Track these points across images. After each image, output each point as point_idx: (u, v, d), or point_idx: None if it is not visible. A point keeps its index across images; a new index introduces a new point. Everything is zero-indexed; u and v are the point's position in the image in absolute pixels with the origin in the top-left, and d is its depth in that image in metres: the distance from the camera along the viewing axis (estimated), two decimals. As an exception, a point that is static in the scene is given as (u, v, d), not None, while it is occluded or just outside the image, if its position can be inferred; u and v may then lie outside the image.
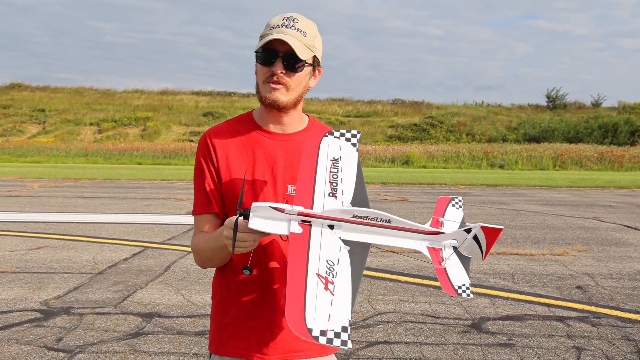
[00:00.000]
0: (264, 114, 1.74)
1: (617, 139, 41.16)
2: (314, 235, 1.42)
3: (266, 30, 1.64)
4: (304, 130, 1.77)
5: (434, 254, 1.53)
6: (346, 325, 1.24)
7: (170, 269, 6.43)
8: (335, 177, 1.57)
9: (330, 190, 1.54)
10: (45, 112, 50.21)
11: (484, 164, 32.86)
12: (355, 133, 1.68)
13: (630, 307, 5.18)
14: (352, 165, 1.61)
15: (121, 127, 47.57)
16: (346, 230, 1.46)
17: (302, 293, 1.26)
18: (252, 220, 1.43)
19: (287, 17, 1.63)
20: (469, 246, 1.55)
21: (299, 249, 1.37)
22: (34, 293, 5.42)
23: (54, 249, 7.56)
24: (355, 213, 1.46)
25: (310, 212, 1.46)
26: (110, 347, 4.07)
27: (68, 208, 12.04)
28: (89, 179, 20.95)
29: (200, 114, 51.03)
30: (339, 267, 1.36)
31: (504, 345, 4.20)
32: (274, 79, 1.62)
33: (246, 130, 1.74)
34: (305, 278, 1.30)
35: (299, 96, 1.69)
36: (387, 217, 1.47)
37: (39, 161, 33.51)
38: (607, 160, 32.89)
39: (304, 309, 1.23)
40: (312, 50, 1.66)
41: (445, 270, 1.53)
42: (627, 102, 52.27)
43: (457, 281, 1.53)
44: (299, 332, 1.19)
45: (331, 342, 1.19)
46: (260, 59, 1.64)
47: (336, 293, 1.30)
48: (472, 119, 49.27)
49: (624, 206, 13.59)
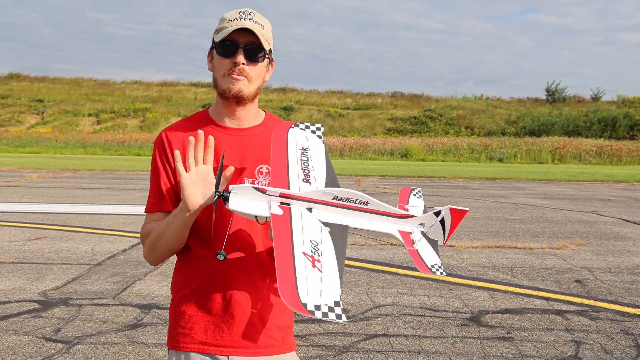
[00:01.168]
0: (220, 110, 1.74)
1: (616, 133, 41.17)
2: (295, 216, 1.43)
3: (223, 24, 1.65)
4: (259, 125, 1.77)
5: (405, 236, 1.58)
6: (338, 300, 1.26)
7: (169, 260, 6.41)
8: (306, 164, 1.59)
9: (304, 176, 1.56)
10: (44, 103, 50.05)
11: (483, 158, 32.85)
12: (319, 126, 1.73)
13: (629, 301, 5.18)
14: (320, 154, 1.65)
15: (120, 118, 47.47)
16: (324, 212, 1.49)
17: (292, 271, 1.28)
18: (232, 201, 1.43)
19: (243, 10, 1.66)
20: (435, 229, 1.61)
21: (283, 230, 1.38)
22: (32, 284, 5.41)
23: (53, 239, 7.55)
24: (336, 194, 1.49)
25: (292, 194, 1.47)
26: (108, 338, 4.07)
27: (67, 199, 12.02)
28: (88, 169, 20.91)
29: (199, 106, 50.85)
30: (322, 247, 1.38)
31: (502, 338, 4.20)
32: (235, 70, 1.62)
33: (202, 127, 1.71)
34: (293, 257, 1.31)
35: (258, 88, 1.70)
36: (365, 199, 1.51)
37: (37, 152, 33.44)
38: (606, 154, 32.89)
39: (296, 286, 1.24)
40: (268, 42, 1.67)
41: (417, 251, 1.57)
42: (626, 96, 52.22)
43: (430, 261, 1.58)
44: (295, 307, 1.20)
45: (326, 316, 1.21)
46: (221, 51, 1.64)
47: (324, 271, 1.32)
48: (471, 112, 49.20)
49: (622, 200, 13.60)
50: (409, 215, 1.61)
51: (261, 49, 1.64)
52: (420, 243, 1.59)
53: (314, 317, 1.21)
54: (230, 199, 1.44)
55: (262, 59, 1.66)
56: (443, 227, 1.61)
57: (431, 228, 1.62)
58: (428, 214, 1.62)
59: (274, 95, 54.56)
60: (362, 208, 1.52)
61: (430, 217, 1.61)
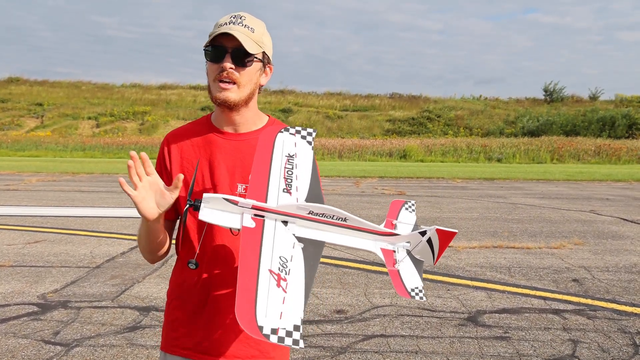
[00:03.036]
0: (217, 115, 1.76)
1: (615, 132, 41.19)
2: (267, 230, 1.37)
3: (214, 29, 1.65)
4: (258, 130, 1.76)
5: (387, 255, 1.52)
6: (298, 324, 1.19)
7: (168, 263, 6.43)
8: (290, 173, 1.53)
9: (285, 186, 1.50)
10: (43, 106, 50.05)
11: (482, 158, 32.87)
12: (310, 131, 1.67)
13: (626, 299, 5.20)
14: (307, 162, 1.59)
15: (119, 122, 47.47)
16: (300, 227, 1.42)
17: (253, 289, 1.21)
18: (203, 212, 1.40)
19: (234, 15, 1.66)
20: (422, 249, 1.53)
21: (251, 244, 1.32)
22: (31, 287, 5.42)
23: (52, 243, 7.56)
24: (312, 209, 1.43)
25: (264, 207, 1.42)
26: (107, 340, 4.08)
27: (66, 202, 12.03)
28: (87, 173, 20.92)
29: (198, 108, 50.90)
30: (292, 265, 1.31)
31: (500, 338, 4.22)
32: (223, 75, 1.63)
33: (203, 132, 1.76)
34: (257, 274, 1.25)
35: (250, 93, 1.69)
36: (343, 215, 1.45)
37: (36, 155, 33.44)
38: (605, 153, 32.92)
39: (254, 306, 1.18)
40: (260, 46, 1.66)
41: (398, 272, 1.51)
42: (624, 95, 52.31)
43: (410, 284, 1.51)
44: (249, 329, 1.14)
45: (282, 341, 1.15)
46: (209, 56, 1.65)
47: (289, 291, 1.25)
48: (469, 112, 49.24)
49: (621, 199, 13.62)
50: (392, 234, 1.55)
51: (248, 54, 1.63)
52: (403, 263, 1.52)
53: (268, 341, 1.14)
54: (201, 209, 1.41)
55: (250, 63, 1.65)
56: (431, 248, 1.53)
57: (417, 247, 1.54)
58: (413, 233, 1.55)
59: (272, 97, 54.60)
60: (340, 224, 1.46)
61: (415, 237, 1.54)
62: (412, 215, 1.69)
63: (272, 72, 1.76)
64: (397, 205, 1.73)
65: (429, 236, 1.50)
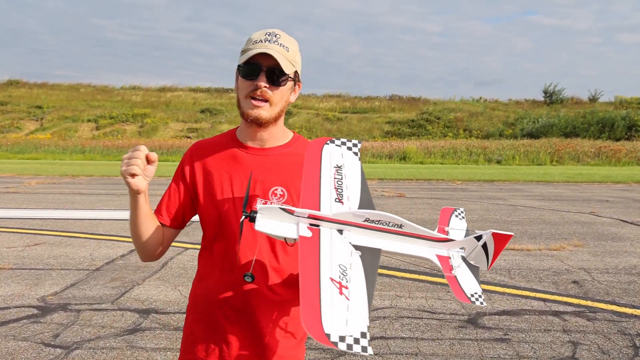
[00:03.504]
0: (243, 130, 1.76)
1: (614, 134, 41.19)
2: (324, 239, 1.37)
3: (248, 45, 1.64)
4: (284, 145, 1.77)
5: (443, 262, 1.50)
6: (365, 331, 1.17)
7: (167, 265, 6.43)
8: (340, 183, 1.54)
9: (337, 196, 1.50)
10: (43, 109, 50.07)
11: (481, 160, 32.89)
12: (356, 142, 1.68)
13: (626, 301, 5.20)
14: (356, 172, 1.59)
15: (119, 124, 47.47)
16: (356, 235, 1.42)
17: (317, 297, 1.20)
18: (259, 222, 1.39)
19: (269, 32, 1.64)
20: (477, 254, 1.52)
21: (310, 253, 1.32)
22: (31, 289, 5.42)
23: (52, 245, 7.56)
24: (368, 217, 1.42)
25: (321, 215, 1.41)
26: (107, 343, 4.08)
27: (65, 205, 12.03)
28: (87, 175, 20.92)
29: (198, 111, 50.93)
30: (351, 272, 1.30)
31: (500, 340, 4.22)
32: (257, 93, 1.62)
33: (227, 146, 1.76)
34: (319, 282, 1.24)
35: (280, 111, 1.70)
36: (399, 222, 1.43)
37: (36, 158, 33.43)
38: (604, 155, 32.94)
39: (320, 314, 1.17)
40: (294, 65, 1.66)
41: (456, 278, 1.48)
42: (623, 96, 52.32)
43: (469, 289, 1.48)
44: (317, 337, 1.13)
45: (351, 348, 1.13)
46: (243, 73, 1.64)
47: (351, 298, 1.23)
48: (469, 114, 49.26)
49: (620, 201, 13.62)
50: (447, 239, 1.52)
51: (283, 74, 1.62)
52: (460, 269, 1.50)
53: (337, 349, 1.13)
54: (257, 220, 1.40)
55: (284, 82, 1.65)
56: (486, 252, 1.51)
57: (472, 253, 1.52)
58: (468, 237, 1.53)
59: (273, 99, 54.53)
60: (396, 231, 1.44)
61: (470, 242, 1.52)
62: (462, 222, 1.69)
63: (300, 88, 1.77)
64: (447, 212, 1.72)
65: (484, 241, 1.49)
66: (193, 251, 7.25)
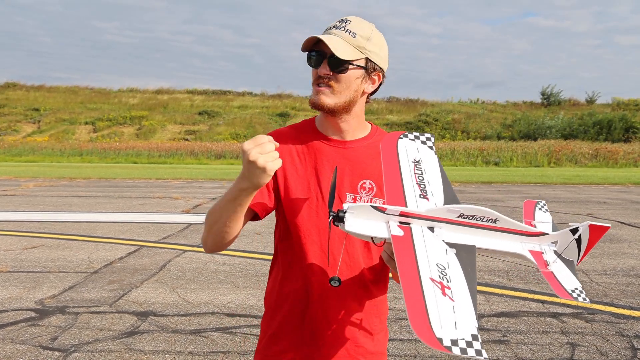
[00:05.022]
0: (323, 121, 1.70)
1: (612, 136, 41.31)
2: (417, 237, 1.28)
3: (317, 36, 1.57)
4: (364, 138, 1.70)
5: (537, 257, 1.40)
6: (476, 334, 1.10)
7: (166, 268, 6.42)
8: (421, 179, 1.45)
9: (420, 192, 1.41)
10: (40, 112, 50.02)
11: (479, 161, 32.94)
12: (429, 136, 1.60)
13: (624, 303, 5.21)
14: (434, 167, 1.51)
15: (116, 126, 47.44)
16: (448, 232, 1.33)
17: (421, 300, 1.12)
18: (349, 222, 1.31)
19: (342, 19, 1.59)
20: (569, 248, 1.42)
21: (406, 253, 1.23)
22: (29, 292, 5.41)
23: (49, 248, 7.55)
24: (462, 212, 1.33)
25: (415, 212, 1.32)
26: (105, 346, 4.07)
27: (63, 207, 12.01)
28: (84, 178, 20.89)
29: (196, 113, 50.92)
30: (450, 272, 1.22)
31: (498, 341, 4.22)
32: (319, 80, 1.58)
33: (308, 138, 1.69)
34: (421, 284, 1.15)
35: (349, 100, 1.60)
36: (494, 216, 1.35)
37: (33, 160, 33.38)
38: (602, 156, 33.03)
39: (428, 318, 1.09)
40: (361, 51, 1.57)
41: (553, 274, 1.38)
42: (621, 98, 52.49)
43: (569, 285, 1.37)
44: (429, 342, 1.07)
45: (465, 352, 1.06)
46: (307, 61, 1.61)
47: (456, 299, 1.15)
48: (466, 116, 49.36)
49: (618, 202, 13.65)
50: (540, 233, 1.42)
51: (340, 61, 1.54)
52: (556, 264, 1.40)
53: (451, 353, 1.05)
54: (347, 220, 1.31)
55: (344, 70, 1.56)
56: (579, 246, 1.41)
57: (565, 247, 1.42)
58: (563, 230, 1.43)
59: (270, 101, 54.62)
60: (490, 226, 1.36)
61: (565, 235, 1.42)
62: (547, 215, 1.61)
63: (380, 79, 1.65)
64: (531, 205, 1.64)
65: (579, 234, 1.40)
66: (191, 254, 7.24)
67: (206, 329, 4.45)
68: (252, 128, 46.41)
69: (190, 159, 35.37)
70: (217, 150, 36.85)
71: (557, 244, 1.43)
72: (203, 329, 4.45)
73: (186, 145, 38.31)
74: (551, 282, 1.37)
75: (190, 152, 36.59)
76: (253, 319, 4.68)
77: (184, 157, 35.63)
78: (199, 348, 4.05)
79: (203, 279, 5.95)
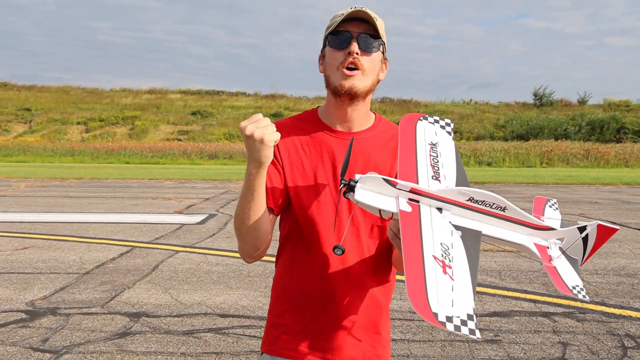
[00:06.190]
0: (330, 111, 1.66)
1: (604, 136, 41.61)
2: (424, 215, 1.29)
3: (335, 19, 1.57)
4: (369, 129, 1.69)
5: (542, 251, 1.41)
6: (472, 314, 1.12)
7: (158, 269, 6.40)
8: (435, 161, 1.46)
9: (433, 173, 1.42)
10: (32, 111, 49.70)
11: (472, 162, 33.06)
12: (449, 122, 1.60)
13: (615, 302, 5.24)
14: (450, 151, 1.51)
15: (109, 127, 47.23)
16: (455, 215, 1.33)
17: (421, 275, 1.14)
18: (359, 192, 1.32)
19: (354, 6, 1.57)
20: (575, 247, 1.42)
21: (412, 229, 1.24)
22: (19, 294, 5.37)
23: (40, 249, 7.50)
24: (473, 195, 1.33)
25: (424, 190, 1.33)
26: (97, 347, 4.05)
27: (55, 208, 11.94)
28: (76, 178, 20.77)
29: (189, 113, 50.78)
30: (454, 252, 1.22)
31: (490, 341, 4.23)
32: (349, 60, 1.53)
33: (312, 129, 1.67)
34: (423, 260, 1.17)
35: (372, 85, 1.60)
36: (503, 204, 1.35)
37: (25, 161, 33.17)
38: (593, 157, 33.25)
39: (426, 292, 1.11)
40: (383, 36, 1.59)
41: (556, 269, 1.38)
42: (612, 99, 52.89)
43: (570, 281, 1.37)
44: (425, 315, 1.08)
45: (459, 330, 1.08)
46: (333, 42, 1.56)
47: (455, 278, 1.16)
48: (459, 117, 49.51)
49: (609, 202, 13.74)
50: (548, 228, 1.42)
51: (376, 38, 1.55)
52: (559, 260, 1.40)
53: (445, 329, 1.08)
54: (357, 190, 1.32)
55: (376, 49, 1.56)
56: (585, 245, 1.41)
57: (571, 245, 1.42)
58: (571, 228, 1.43)
59: (263, 101, 54.56)
60: (498, 214, 1.36)
61: (572, 233, 1.42)
62: (556, 212, 1.61)
63: (387, 68, 1.67)
64: (542, 201, 1.65)
65: (587, 232, 1.40)
66: (184, 254, 7.22)
67: (199, 329, 4.43)
68: (245, 128, 46.18)
69: (183, 159, 35.27)
70: (210, 150, 36.77)
71: (563, 240, 1.43)
72: (196, 329, 4.43)
73: (179, 146, 38.20)
74: (553, 277, 1.37)
75: (183, 153, 36.49)
76: (246, 320, 4.67)
77: (177, 158, 35.52)
78: (192, 349, 4.03)
79: (196, 279, 5.93)
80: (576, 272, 1.41)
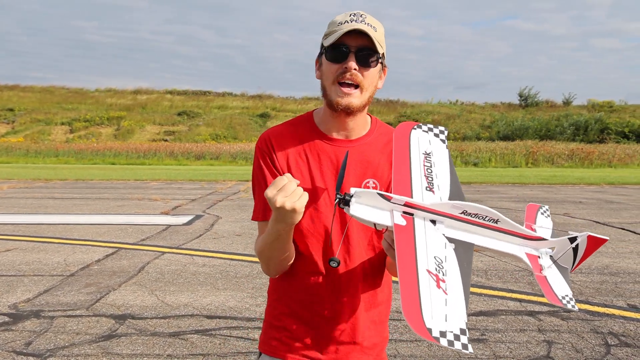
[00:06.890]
0: (328, 119, 1.63)
1: (588, 137, 42.12)
2: (418, 228, 1.30)
3: (332, 28, 1.55)
4: (366, 135, 1.67)
5: (533, 261, 1.42)
6: (464, 328, 1.13)
7: (144, 270, 6.35)
8: (429, 171, 1.47)
9: (427, 184, 1.43)
10: (14, 112, 49.08)
11: (458, 162, 33.26)
12: (442, 129, 1.61)
13: (599, 300, 5.30)
14: (444, 160, 1.52)
15: (94, 127, 46.80)
16: (449, 227, 1.35)
17: (416, 290, 1.15)
18: (354, 207, 1.33)
19: (354, 13, 1.54)
20: (565, 256, 1.45)
21: (406, 243, 1.25)
22: (2, 297, 5.29)
23: (24, 251, 7.40)
24: (466, 209, 1.35)
25: (418, 204, 1.34)
26: (82, 350, 4.00)
27: (38, 209, 11.79)
28: (60, 179, 20.54)
29: (175, 113, 50.49)
30: (447, 265, 1.24)
31: (477, 340, 4.26)
32: (346, 76, 1.52)
33: (308, 137, 1.64)
34: (417, 274, 1.18)
35: (369, 97, 1.59)
36: (495, 217, 1.37)
37: (7, 162, 32.73)
38: (578, 157, 33.63)
39: (420, 307, 1.12)
40: (382, 46, 1.56)
41: (546, 278, 1.41)
42: (596, 100, 53.53)
43: (560, 291, 1.39)
44: (419, 331, 1.10)
45: (452, 345, 1.09)
46: (330, 56, 1.53)
47: (449, 292, 1.18)
48: (446, 117, 49.82)
49: (593, 202, 13.90)
50: (539, 238, 1.44)
51: (374, 53, 1.52)
52: (550, 270, 1.42)
53: (438, 344, 1.09)
54: (352, 204, 1.33)
55: (374, 63, 1.54)
56: (575, 255, 1.43)
57: (561, 254, 1.44)
58: (562, 238, 1.44)
59: (250, 102, 54.41)
60: (490, 226, 1.38)
61: (563, 243, 1.44)
62: (548, 220, 1.62)
63: (386, 74, 1.65)
64: (534, 209, 1.66)
65: (577, 242, 1.42)
66: (170, 255, 7.17)
67: (185, 331, 4.40)
68: (232, 129, 46.18)
69: (169, 160, 35.05)
70: (197, 151, 36.59)
71: (554, 250, 1.46)
72: (182, 331, 4.40)
73: (165, 146, 37.95)
74: (543, 287, 1.39)
75: (169, 153, 36.26)
76: (233, 321, 4.65)
77: (163, 158, 35.29)
78: (178, 351, 4.01)
79: (182, 280, 5.90)
80: (566, 281, 1.44)
